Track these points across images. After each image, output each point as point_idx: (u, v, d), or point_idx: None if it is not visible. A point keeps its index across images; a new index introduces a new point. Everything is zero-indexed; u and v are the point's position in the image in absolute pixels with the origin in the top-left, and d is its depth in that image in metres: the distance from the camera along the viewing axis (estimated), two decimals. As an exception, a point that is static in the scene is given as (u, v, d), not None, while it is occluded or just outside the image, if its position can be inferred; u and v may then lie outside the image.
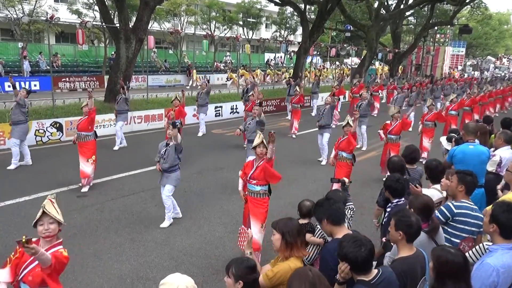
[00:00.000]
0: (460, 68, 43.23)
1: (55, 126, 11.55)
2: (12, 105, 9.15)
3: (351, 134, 7.26)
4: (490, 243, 3.09)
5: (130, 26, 14.06)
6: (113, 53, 22.23)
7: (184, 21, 29.99)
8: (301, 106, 13.98)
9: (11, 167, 8.91)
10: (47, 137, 11.40)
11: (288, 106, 16.36)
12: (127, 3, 16.15)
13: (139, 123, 13.63)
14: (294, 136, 13.28)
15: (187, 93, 13.93)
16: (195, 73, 23.24)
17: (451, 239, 3.64)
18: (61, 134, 11.69)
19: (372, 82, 22.07)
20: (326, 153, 10.20)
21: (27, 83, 19.22)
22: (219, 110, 16.41)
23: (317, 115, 12.16)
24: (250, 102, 11.71)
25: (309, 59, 26.49)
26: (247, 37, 31.53)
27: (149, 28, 16.00)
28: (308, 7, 25.71)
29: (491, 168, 5.35)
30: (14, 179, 8.37)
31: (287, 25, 36.13)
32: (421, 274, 2.87)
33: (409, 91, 17.03)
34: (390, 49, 31.61)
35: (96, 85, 21.77)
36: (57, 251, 2.93)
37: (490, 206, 3.19)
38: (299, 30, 32.55)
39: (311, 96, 18.68)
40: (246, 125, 8.73)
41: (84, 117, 7.85)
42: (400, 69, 35.70)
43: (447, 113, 11.54)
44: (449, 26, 35.12)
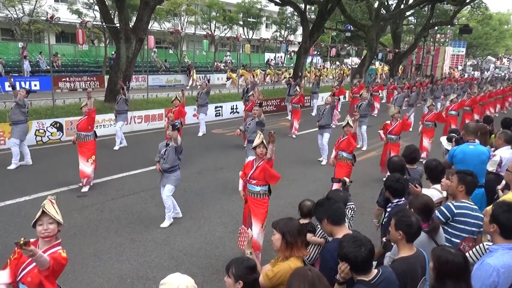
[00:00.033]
0: (460, 68, 43.22)
1: (55, 126, 11.56)
2: (12, 105, 9.15)
3: (351, 135, 7.24)
4: (490, 243, 3.09)
5: (130, 26, 14.07)
6: (113, 53, 22.23)
7: (184, 21, 29.98)
8: (301, 106, 13.99)
9: (11, 167, 8.93)
10: (47, 137, 11.40)
11: (288, 106, 16.35)
12: (127, 3, 16.15)
13: (139, 123, 13.63)
14: (294, 136, 13.28)
15: (187, 93, 13.94)
16: (194, 73, 23.24)
17: (451, 239, 3.64)
18: (61, 134, 11.70)
19: (372, 82, 22.08)
20: (326, 153, 10.20)
21: (27, 83, 19.23)
22: (219, 110, 16.42)
23: (317, 115, 12.16)
24: (250, 102, 11.71)
25: (309, 59, 26.49)
26: (247, 37, 31.53)
27: (149, 28, 16.00)
28: (308, 7, 25.71)
29: (491, 168, 5.35)
30: (14, 179, 8.38)
31: (287, 25, 36.14)
32: (421, 274, 2.87)
33: (409, 91, 17.03)
34: (390, 49, 31.60)
35: (96, 85, 21.81)
36: (56, 252, 2.92)
37: (490, 206, 3.19)
38: (299, 30, 32.57)
39: (311, 96, 18.70)
40: (246, 126, 8.73)
41: (83, 117, 7.86)
42: (400, 69, 35.69)
43: (447, 113, 11.54)
44: (449, 26, 35.14)
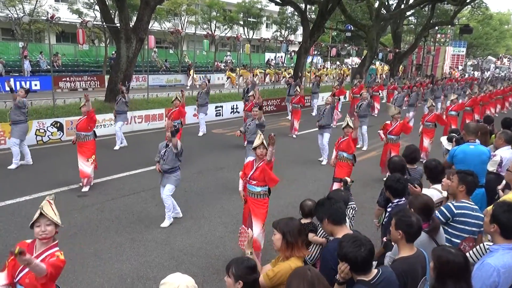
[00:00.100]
0: (460, 68, 43.20)
1: (56, 125, 11.56)
2: (12, 105, 9.15)
3: (352, 140, 7.10)
4: (490, 243, 3.09)
5: (130, 25, 14.08)
6: (113, 52, 22.23)
7: (184, 20, 29.98)
8: (301, 106, 13.99)
9: (12, 167, 8.93)
10: (48, 136, 11.40)
11: (288, 106, 16.35)
12: (128, 2, 16.15)
13: (140, 123, 13.63)
14: (294, 136, 13.28)
15: (187, 93, 13.93)
16: (193, 73, 23.22)
17: (452, 239, 3.64)
18: (62, 133, 11.70)
19: (372, 82, 22.07)
20: (326, 153, 10.20)
21: (28, 82, 19.23)
22: (220, 109, 16.42)
23: (317, 115, 12.15)
24: (250, 102, 11.71)
25: (309, 59, 26.46)
26: (248, 37, 31.53)
27: (149, 27, 16.00)
28: (308, 7, 25.69)
29: (491, 168, 5.35)
30: (14, 178, 8.38)
31: (288, 25, 36.14)
32: (421, 274, 2.87)
33: (409, 90, 17.03)
34: (390, 49, 31.59)
35: (96, 84, 21.84)
36: (53, 255, 2.90)
37: (491, 206, 3.18)
38: (300, 30, 32.57)
39: (311, 96, 18.70)
40: (246, 127, 8.72)
41: (83, 117, 7.86)
42: (400, 69, 35.67)
43: (447, 113, 11.53)
44: (449, 26, 35.15)
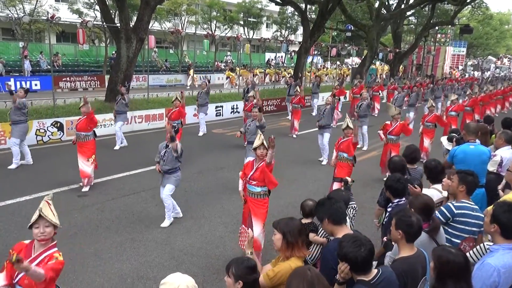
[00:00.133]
0: (461, 68, 43.18)
1: (56, 125, 11.56)
2: (12, 105, 9.16)
3: (352, 143, 7.02)
4: (491, 243, 3.09)
5: (131, 25, 14.07)
6: (113, 52, 22.23)
7: (185, 20, 29.99)
8: (301, 106, 13.99)
9: (12, 167, 8.93)
10: (48, 136, 11.40)
11: (288, 106, 16.35)
12: (128, 2, 16.15)
13: (140, 123, 13.63)
14: (294, 136, 13.28)
15: (187, 93, 13.93)
16: (193, 72, 23.23)
17: (452, 239, 3.64)
18: (62, 133, 11.70)
19: (372, 82, 22.07)
20: (326, 153, 10.20)
21: (28, 82, 19.24)
22: (220, 109, 16.42)
23: (317, 115, 12.15)
24: (249, 102, 11.72)
25: (309, 59, 26.45)
26: (248, 37, 31.53)
27: (149, 27, 16.01)
28: (309, 6, 25.69)
29: (492, 168, 5.35)
30: (14, 178, 8.38)
31: (288, 25, 36.15)
32: (422, 274, 2.87)
33: (409, 90, 17.03)
34: (391, 49, 31.57)
35: (97, 84, 21.85)
36: (52, 256, 2.90)
37: (491, 206, 3.18)
38: (300, 29, 32.55)
39: (311, 96, 18.70)
40: (246, 127, 8.72)
41: (82, 117, 7.85)
42: (401, 69, 35.66)
43: (447, 114, 11.52)
44: (450, 26, 35.10)
